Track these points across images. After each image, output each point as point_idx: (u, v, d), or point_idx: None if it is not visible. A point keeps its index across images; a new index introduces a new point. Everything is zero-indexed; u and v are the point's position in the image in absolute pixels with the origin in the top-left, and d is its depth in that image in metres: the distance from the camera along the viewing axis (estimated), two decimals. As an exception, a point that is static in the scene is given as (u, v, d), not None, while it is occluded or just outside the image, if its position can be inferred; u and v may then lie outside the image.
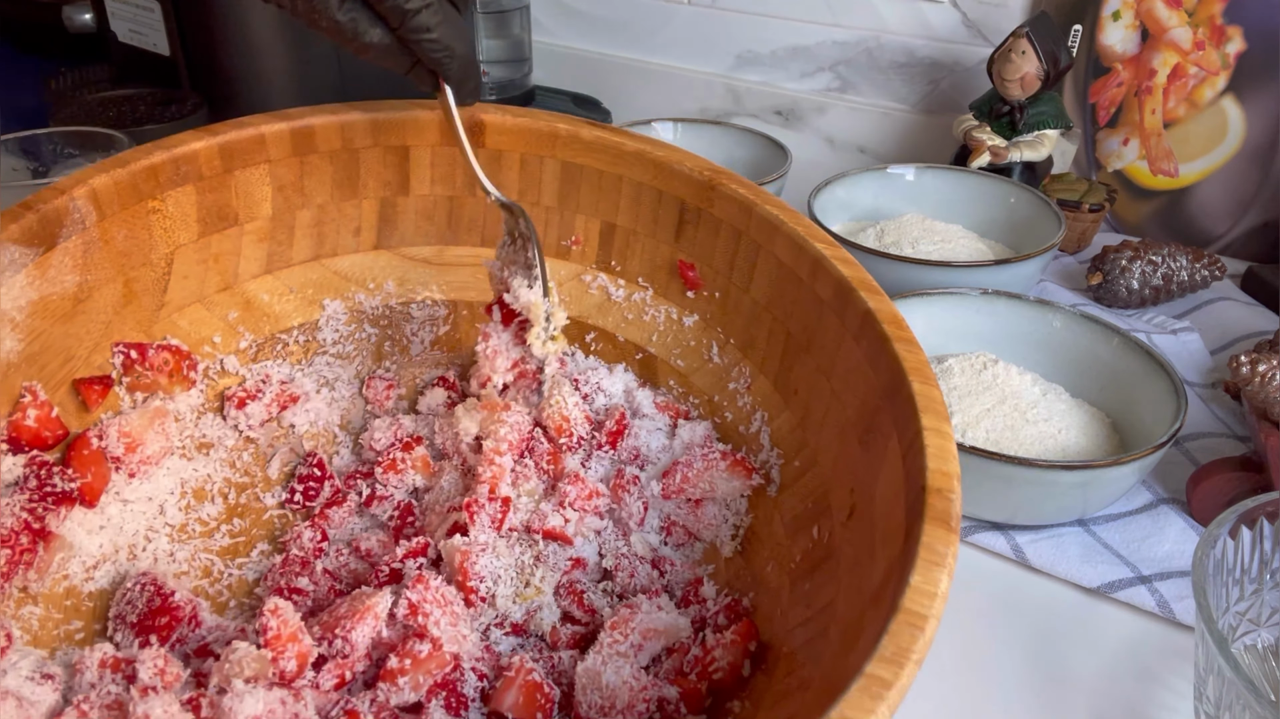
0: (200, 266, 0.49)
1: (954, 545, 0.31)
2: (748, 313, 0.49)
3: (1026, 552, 0.51)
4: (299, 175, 0.50)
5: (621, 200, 0.52)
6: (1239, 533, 0.42)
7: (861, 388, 0.41)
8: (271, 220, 0.51)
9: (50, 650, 0.41)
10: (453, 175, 0.53)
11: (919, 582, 0.30)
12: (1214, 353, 0.68)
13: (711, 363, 0.51)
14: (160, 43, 0.81)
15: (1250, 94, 0.79)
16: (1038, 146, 0.81)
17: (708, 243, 0.50)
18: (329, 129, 0.50)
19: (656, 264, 0.53)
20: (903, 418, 0.37)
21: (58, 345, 0.44)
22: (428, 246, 0.54)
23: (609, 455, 0.50)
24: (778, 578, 0.43)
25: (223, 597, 0.46)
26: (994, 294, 0.62)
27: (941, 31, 0.94)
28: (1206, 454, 0.58)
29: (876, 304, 0.41)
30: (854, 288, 0.42)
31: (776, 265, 0.47)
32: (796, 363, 0.46)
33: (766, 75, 1.06)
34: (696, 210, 0.50)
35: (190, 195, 0.48)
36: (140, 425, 0.46)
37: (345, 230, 0.53)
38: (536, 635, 0.44)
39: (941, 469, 0.34)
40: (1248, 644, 0.44)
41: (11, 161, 0.64)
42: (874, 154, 1.02)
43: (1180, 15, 0.80)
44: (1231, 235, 0.83)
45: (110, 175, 0.44)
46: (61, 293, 0.44)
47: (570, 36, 1.17)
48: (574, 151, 0.51)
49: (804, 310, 0.46)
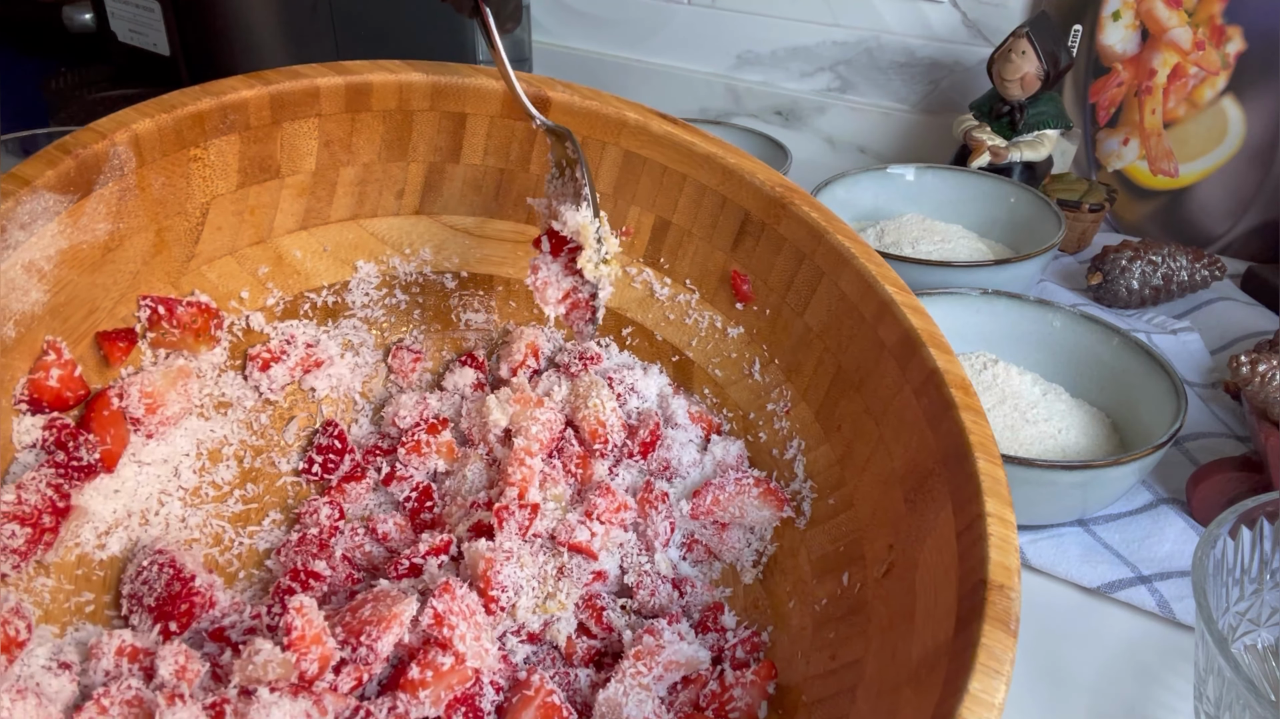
0: (235, 218, 0.47)
1: (1013, 651, 0.30)
2: (798, 336, 0.48)
3: (1026, 552, 0.51)
4: (349, 132, 0.48)
5: (681, 199, 0.50)
6: (1239, 533, 0.42)
7: (915, 444, 0.39)
8: (314, 175, 0.48)
9: (61, 626, 0.40)
10: (508, 147, 0.51)
11: (978, 689, 0.28)
12: (1214, 353, 0.68)
13: (751, 379, 0.50)
14: (160, 43, 0.81)
15: (1250, 94, 0.79)
16: (1038, 146, 0.81)
17: (767, 258, 0.49)
18: (387, 88, 0.47)
19: (708, 269, 0.51)
20: (962, 493, 0.35)
21: (83, 296, 0.42)
22: (471, 217, 0.52)
23: (638, 465, 0.49)
24: (800, 618, 0.42)
25: (232, 567, 0.46)
26: (994, 294, 0.62)
27: (941, 31, 0.94)
28: (1206, 454, 0.58)
29: (945, 364, 0.39)
30: (923, 342, 0.40)
31: (839, 297, 0.45)
32: (844, 398, 0.45)
33: (766, 75, 1.06)
34: (760, 224, 0.48)
35: (234, 145, 0.45)
36: (163, 385, 0.44)
37: (388, 192, 0.51)
38: (551, 644, 0.43)
39: (1003, 563, 0.32)
40: (1248, 644, 0.44)
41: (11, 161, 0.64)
42: (874, 154, 1.02)
43: (1180, 15, 0.80)
44: (1231, 235, 0.83)
45: (155, 120, 0.42)
46: (92, 241, 0.41)
47: (570, 36, 1.17)
48: (640, 143, 0.49)
49: (861, 348, 0.44)
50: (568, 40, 1.17)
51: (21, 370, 0.40)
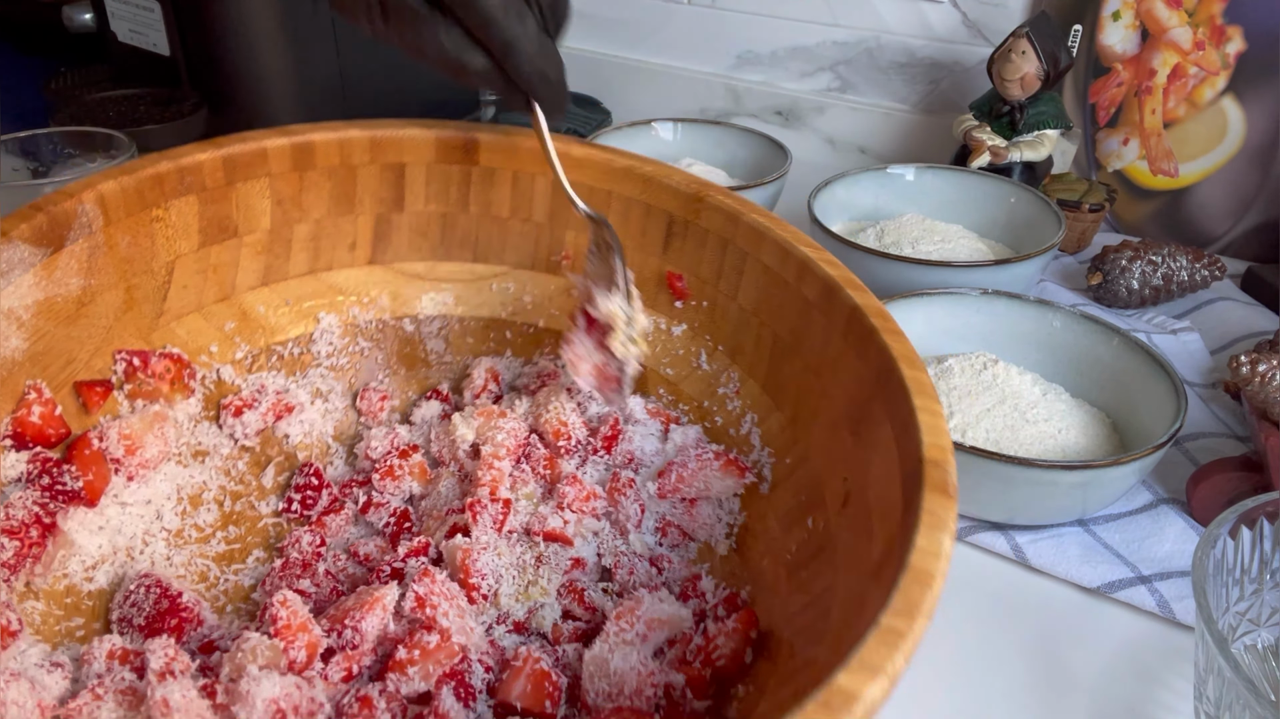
0: (199, 276, 0.50)
1: (954, 511, 0.32)
2: (735, 319, 0.50)
3: (1026, 552, 0.51)
4: (298, 190, 0.51)
5: (610, 215, 0.52)
6: (1239, 533, 0.42)
7: (850, 381, 0.42)
8: (270, 233, 0.51)
9: (53, 645, 0.41)
10: (447, 192, 0.54)
11: (924, 543, 0.31)
12: (1214, 353, 0.68)
13: (700, 370, 0.52)
14: (160, 43, 0.81)
15: (1250, 94, 0.79)
16: (1038, 146, 0.81)
17: (695, 254, 0.51)
18: (328, 145, 0.51)
19: (645, 276, 0.53)
20: (894, 402, 0.38)
21: (60, 348, 0.44)
22: (421, 262, 0.55)
23: (604, 460, 0.50)
24: (774, 570, 0.43)
25: (219, 601, 0.46)
26: (994, 294, 0.62)
27: (941, 31, 0.94)
28: (1206, 454, 0.58)
29: (862, 300, 0.42)
30: (840, 286, 0.43)
31: (763, 271, 0.48)
32: (785, 364, 0.47)
33: (766, 75, 1.06)
34: (684, 222, 0.51)
35: (193, 205, 0.48)
36: (140, 428, 0.46)
37: (341, 245, 0.54)
38: (538, 633, 0.44)
39: (936, 443, 0.35)
40: (1248, 644, 0.44)
41: (11, 161, 0.64)
42: (874, 154, 1.02)
43: (1180, 15, 0.80)
44: (1231, 235, 0.83)
45: (118, 182, 0.45)
46: (66, 295, 0.44)
47: (570, 36, 1.16)
48: (564, 168, 0.52)
49: (791, 313, 0.47)
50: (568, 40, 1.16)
51: (4, 411, 0.42)
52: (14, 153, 0.64)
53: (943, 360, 0.58)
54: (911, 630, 0.28)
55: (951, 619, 0.49)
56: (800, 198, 0.76)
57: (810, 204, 0.73)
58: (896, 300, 0.61)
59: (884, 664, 0.27)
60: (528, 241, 0.55)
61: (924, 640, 0.46)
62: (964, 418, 0.55)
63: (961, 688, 0.45)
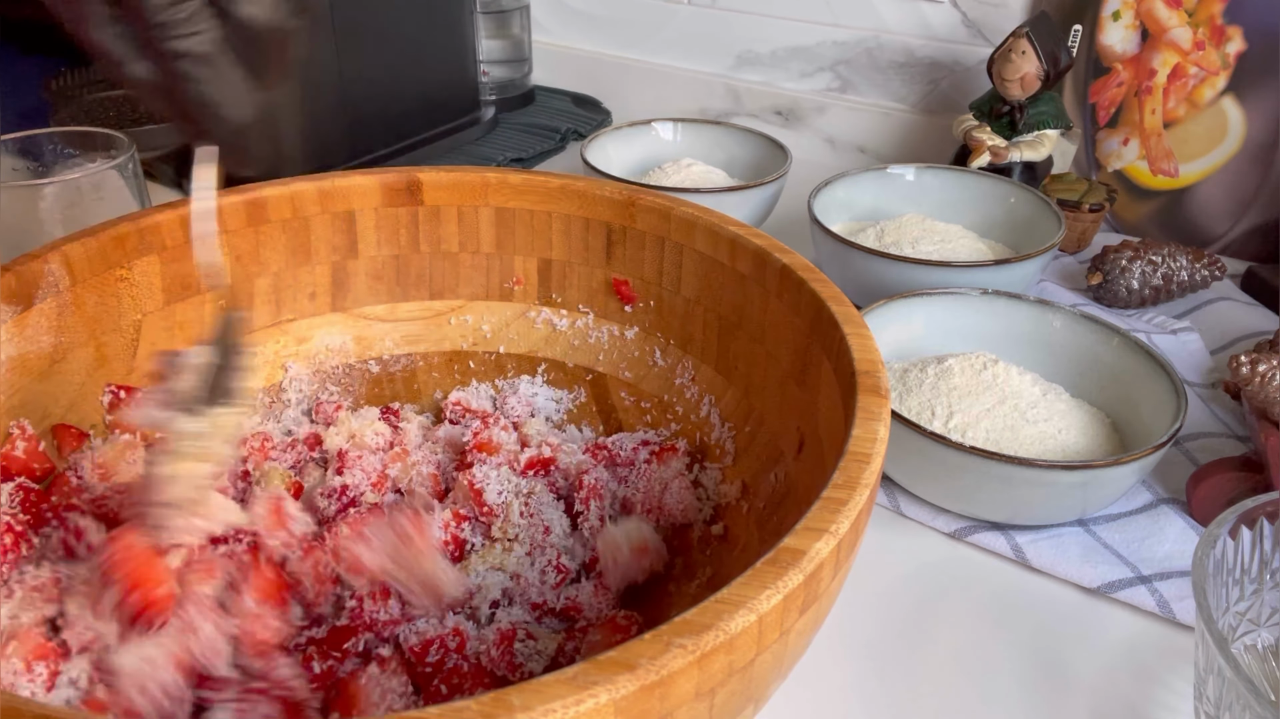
0: (166, 334, 0.52)
1: (886, 408, 0.37)
2: (682, 312, 0.53)
3: (1026, 552, 0.51)
4: (255, 244, 0.53)
5: (554, 235, 0.55)
6: (1239, 533, 0.42)
7: (790, 337, 0.46)
8: (231, 289, 0.53)
9: None
10: (397, 235, 0.56)
11: (860, 433, 0.35)
12: (1214, 353, 0.68)
13: (656, 366, 0.55)
14: (160, 43, 0.81)
15: (1250, 94, 0.79)
16: (1038, 146, 0.81)
17: (636, 257, 0.54)
18: (280, 199, 0.53)
19: (593, 288, 0.56)
20: (827, 338, 0.42)
21: (35, 401, 0.46)
22: (380, 305, 0.57)
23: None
24: (747, 530, 0.46)
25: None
26: (994, 294, 0.62)
27: (941, 31, 0.94)
28: (1206, 454, 0.58)
29: (789, 260, 0.46)
30: (768, 252, 0.47)
31: (699, 259, 0.51)
32: (732, 341, 0.51)
33: (766, 75, 1.06)
34: (622, 229, 0.54)
35: (155, 265, 0.50)
36: (112, 456, 0.47)
37: (301, 295, 0.56)
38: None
39: (866, 358, 0.39)
40: (1248, 644, 0.44)
41: (11, 161, 0.64)
42: (874, 154, 1.02)
43: (1180, 15, 0.80)
44: (1231, 235, 0.83)
45: (82, 243, 0.47)
46: (39, 351, 0.46)
47: (570, 36, 1.17)
48: (505, 197, 0.55)
49: (730, 291, 0.50)
50: (568, 40, 1.17)
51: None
52: (14, 153, 0.64)
53: (943, 360, 0.58)
54: (851, 499, 0.32)
55: (952, 619, 0.49)
56: (800, 198, 0.76)
57: (810, 204, 0.73)
58: (896, 300, 0.61)
59: (828, 525, 0.31)
60: (479, 273, 0.57)
61: (924, 638, 0.47)
62: (964, 418, 0.55)
63: (962, 688, 0.45)
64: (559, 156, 1.02)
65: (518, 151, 1.00)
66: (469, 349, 0.58)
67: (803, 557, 0.29)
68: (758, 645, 0.28)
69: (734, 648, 0.27)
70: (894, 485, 0.56)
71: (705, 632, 0.27)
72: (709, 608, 0.27)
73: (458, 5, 0.97)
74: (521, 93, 1.12)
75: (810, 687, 0.44)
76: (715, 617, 0.27)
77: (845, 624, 0.47)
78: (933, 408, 0.55)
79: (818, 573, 0.30)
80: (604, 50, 1.14)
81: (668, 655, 0.26)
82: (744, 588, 0.28)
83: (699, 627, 0.27)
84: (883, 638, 0.47)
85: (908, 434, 0.51)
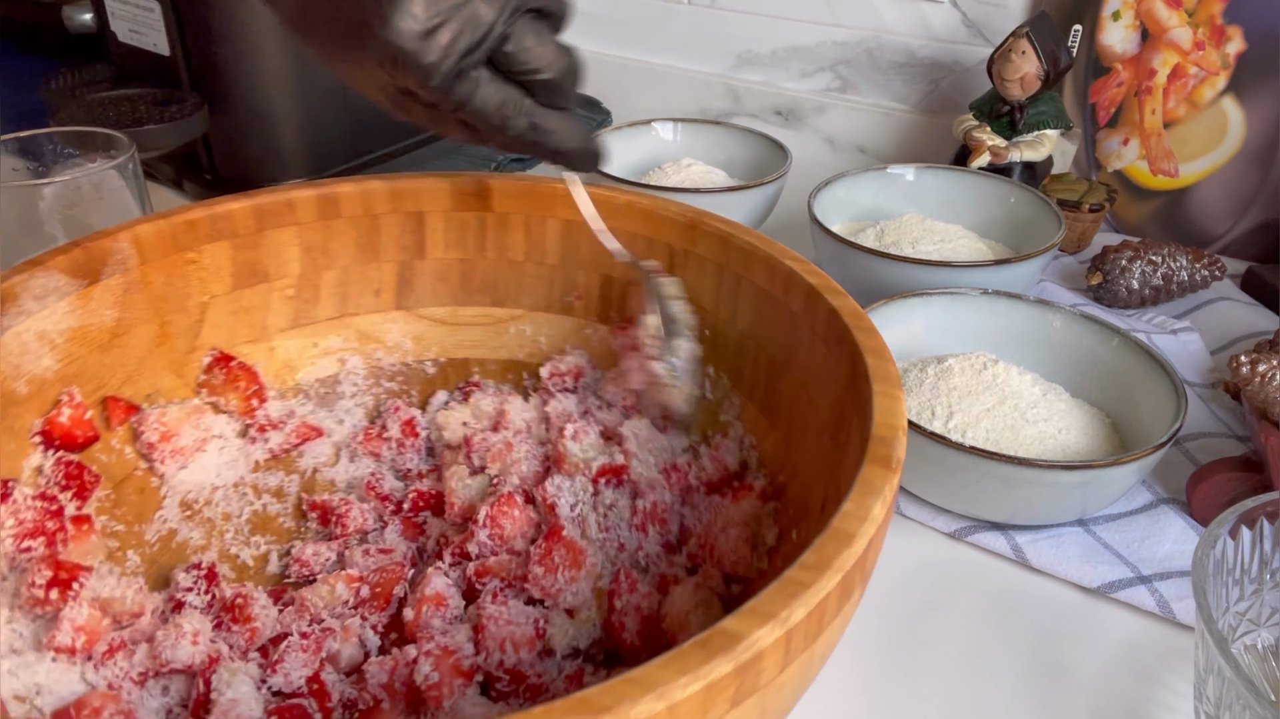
0: (231, 318, 0.52)
1: (892, 481, 0.33)
2: (735, 345, 0.51)
3: (1026, 552, 0.51)
4: (325, 238, 0.54)
5: None
6: (1239, 533, 0.42)
7: (830, 386, 0.43)
8: (299, 279, 0.54)
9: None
10: (465, 239, 0.56)
11: (851, 508, 0.31)
12: (1214, 353, 0.68)
13: (704, 399, 0.52)
14: (160, 43, 0.81)
15: (1250, 94, 0.79)
16: (1038, 146, 0.81)
17: (696, 283, 0.52)
18: (352, 196, 0.53)
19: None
20: (859, 393, 0.39)
21: (91, 372, 0.47)
22: (442, 307, 0.57)
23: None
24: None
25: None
26: (994, 294, 0.62)
27: (941, 31, 0.94)
28: (1206, 454, 0.58)
29: (838, 303, 0.43)
30: (819, 292, 0.44)
31: (756, 291, 0.49)
32: (780, 382, 0.48)
33: (766, 75, 1.06)
34: (684, 252, 0.52)
35: (225, 250, 0.51)
36: (178, 418, 0.49)
37: (367, 291, 0.56)
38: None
39: (888, 423, 0.36)
40: (1248, 644, 0.44)
41: (11, 161, 0.64)
42: (874, 154, 1.02)
43: (1180, 15, 0.80)
44: (1231, 235, 0.83)
45: (153, 225, 0.48)
46: (100, 325, 0.47)
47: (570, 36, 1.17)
48: (571, 209, 0.53)
49: (782, 329, 0.48)
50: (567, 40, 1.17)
51: (34, 418, 0.45)
52: (14, 153, 0.64)
53: (943, 360, 0.58)
54: (816, 584, 0.28)
55: (952, 619, 0.49)
56: (800, 198, 0.76)
57: (810, 204, 0.73)
58: (896, 300, 0.61)
59: (777, 611, 0.27)
60: (542, 284, 0.56)
61: (924, 638, 0.47)
62: (964, 418, 0.55)
63: (962, 687, 0.45)
64: (559, 156, 1.02)
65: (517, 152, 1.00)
66: (524, 360, 0.57)
67: (737, 643, 0.26)
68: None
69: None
70: (894, 485, 0.56)
71: (600, 715, 0.24)
72: (614, 688, 0.24)
73: (458, 5, 0.97)
74: (521, 93, 1.12)
75: (809, 686, 0.44)
76: (616, 698, 0.24)
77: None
78: (933, 408, 0.55)
79: (755, 663, 0.26)
80: (604, 50, 1.14)
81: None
82: (660, 669, 0.25)
83: (595, 708, 0.24)
84: (882, 638, 0.47)
85: (908, 434, 0.50)
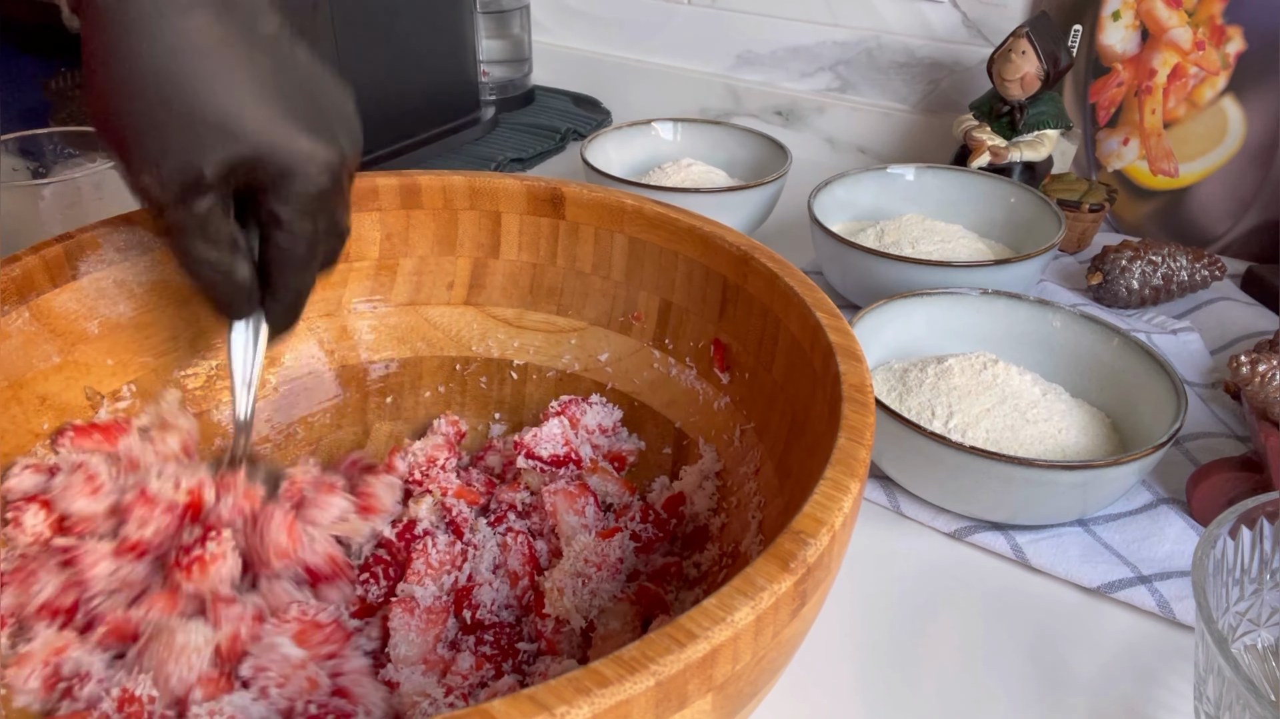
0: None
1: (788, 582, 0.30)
2: (768, 394, 0.48)
3: (1026, 552, 0.51)
4: (405, 226, 0.56)
5: (678, 277, 0.53)
6: (1239, 533, 0.42)
7: (824, 441, 0.39)
8: (377, 263, 0.56)
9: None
10: (537, 243, 0.56)
11: (812, 507, 0.32)
12: (1214, 353, 0.68)
13: (732, 446, 0.50)
14: (160, 43, 0.81)
15: (1250, 94, 0.79)
16: (1038, 146, 0.81)
17: (744, 322, 0.50)
18: (432, 187, 0.55)
19: (702, 344, 0.52)
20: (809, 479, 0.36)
21: (166, 322, 0.50)
22: (510, 308, 0.58)
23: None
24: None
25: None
26: (994, 294, 0.62)
27: (941, 31, 0.94)
28: (1206, 454, 0.58)
29: (847, 368, 0.40)
30: (833, 351, 0.41)
31: (790, 341, 0.46)
32: (796, 444, 0.44)
33: (766, 75, 1.06)
34: (736, 288, 0.50)
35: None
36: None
37: (440, 283, 0.57)
38: None
39: (815, 516, 0.32)
40: (1248, 644, 0.44)
41: (11, 161, 0.64)
42: (874, 154, 1.02)
43: (1180, 15, 0.80)
44: (1231, 235, 0.83)
45: None
46: (181, 283, 0.48)
47: (570, 36, 1.17)
48: (639, 227, 0.53)
49: (805, 386, 0.44)
50: (568, 40, 1.17)
51: (99, 363, 0.47)
52: (14, 153, 0.64)
53: (943, 360, 0.58)
54: (672, 655, 0.27)
55: (952, 619, 0.49)
56: (800, 198, 0.76)
57: (810, 204, 0.73)
58: (896, 300, 0.61)
59: (647, 663, 0.26)
60: (606, 299, 0.56)
61: (924, 638, 0.47)
62: (964, 418, 0.55)
63: (962, 687, 0.45)
64: (559, 157, 1.02)
65: (517, 152, 1.00)
66: (578, 373, 0.56)
67: (607, 685, 0.25)
68: None
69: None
70: (894, 485, 0.56)
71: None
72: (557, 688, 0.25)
73: (458, 5, 0.97)
74: (521, 93, 1.12)
75: (809, 686, 0.44)
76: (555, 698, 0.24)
77: (844, 624, 0.48)
78: (933, 408, 0.56)
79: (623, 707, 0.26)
80: (604, 50, 1.14)
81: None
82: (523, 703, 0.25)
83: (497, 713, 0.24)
84: (882, 637, 0.47)
85: (908, 434, 0.51)
